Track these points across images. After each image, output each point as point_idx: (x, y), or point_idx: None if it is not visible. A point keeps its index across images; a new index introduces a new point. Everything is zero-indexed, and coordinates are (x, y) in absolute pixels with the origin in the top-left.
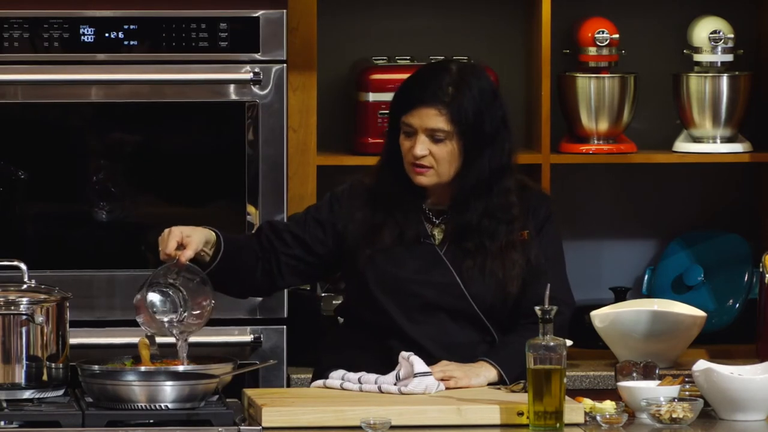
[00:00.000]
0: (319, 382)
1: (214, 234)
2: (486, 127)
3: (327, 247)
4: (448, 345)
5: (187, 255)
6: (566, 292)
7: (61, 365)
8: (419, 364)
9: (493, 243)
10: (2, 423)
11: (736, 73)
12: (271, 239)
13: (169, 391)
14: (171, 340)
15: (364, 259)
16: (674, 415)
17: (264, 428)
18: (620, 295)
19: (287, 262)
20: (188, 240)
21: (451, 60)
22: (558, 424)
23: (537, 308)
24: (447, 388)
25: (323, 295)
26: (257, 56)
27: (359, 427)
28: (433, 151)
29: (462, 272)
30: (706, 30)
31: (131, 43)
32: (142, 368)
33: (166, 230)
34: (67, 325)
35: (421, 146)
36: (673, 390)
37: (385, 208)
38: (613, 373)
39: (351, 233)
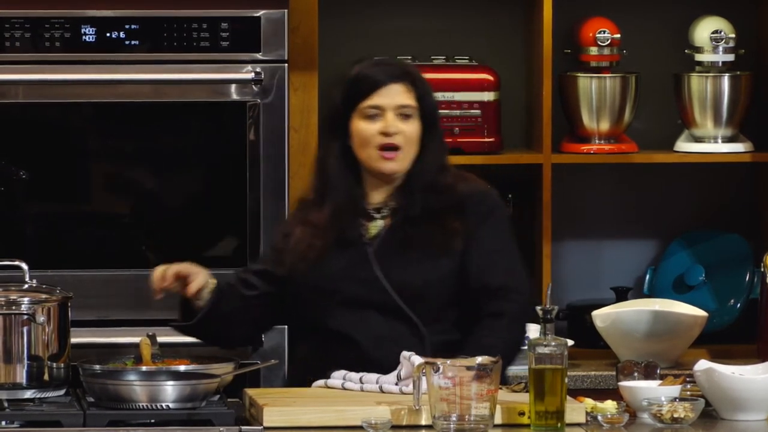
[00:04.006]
0: (321, 381)
1: (213, 280)
2: (436, 112)
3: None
4: (376, 339)
5: (193, 287)
6: (517, 281)
7: (62, 365)
8: None
9: (429, 233)
10: (4, 423)
11: (738, 72)
12: (238, 288)
13: (170, 390)
14: (171, 340)
15: (300, 271)
16: (675, 415)
17: (265, 428)
18: (621, 294)
19: (258, 303)
20: (194, 275)
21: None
22: (559, 424)
23: (538, 308)
24: None
25: None
26: (258, 56)
27: (360, 427)
28: (402, 129)
29: (391, 265)
30: (707, 30)
31: (132, 42)
32: (143, 368)
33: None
34: (69, 324)
35: (393, 123)
36: (675, 390)
37: (329, 216)
38: (614, 373)
39: (291, 248)
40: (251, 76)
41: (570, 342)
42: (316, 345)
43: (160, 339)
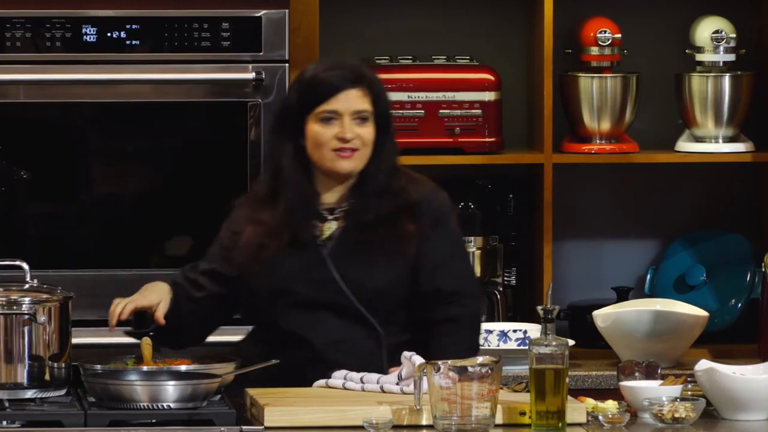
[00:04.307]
0: (321, 381)
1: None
2: (389, 113)
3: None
4: (331, 341)
5: (161, 319)
6: (469, 285)
7: (63, 365)
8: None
9: (384, 237)
10: (5, 423)
11: (738, 72)
12: (188, 289)
13: (171, 390)
14: None
15: (253, 271)
16: (676, 415)
17: (266, 428)
18: (622, 294)
19: (208, 304)
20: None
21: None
22: (560, 424)
23: (539, 308)
24: None
25: None
26: (259, 56)
27: (361, 427)
28: (359, 133)
29: (347, 267)
30: (708, 30)
31: (133, 42)
32: (145, 368)
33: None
34: (70, 324)
35: (350, 128)
36: (676, 390)
37: (283, 216)
38: (615, 373)
39: (241, 246)
40: (252, 76)
41: (571, 342)
42: (269, 346)
43: None
